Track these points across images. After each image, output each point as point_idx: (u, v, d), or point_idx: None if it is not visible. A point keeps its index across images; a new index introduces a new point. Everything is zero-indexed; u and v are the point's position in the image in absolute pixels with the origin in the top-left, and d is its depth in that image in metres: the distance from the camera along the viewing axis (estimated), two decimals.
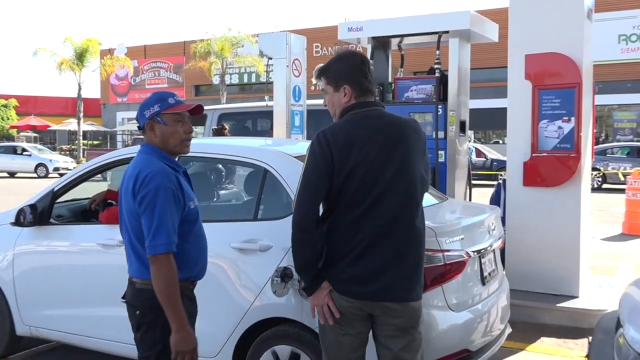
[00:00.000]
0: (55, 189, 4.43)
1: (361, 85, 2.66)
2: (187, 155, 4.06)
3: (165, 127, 2.72)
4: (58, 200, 4.53)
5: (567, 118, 5.74)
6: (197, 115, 2.88)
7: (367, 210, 2.56)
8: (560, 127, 5.77)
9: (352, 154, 2.54)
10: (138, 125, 2.82)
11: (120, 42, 61.92)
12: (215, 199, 5.17)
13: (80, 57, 38.17)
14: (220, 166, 5.66)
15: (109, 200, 4.54)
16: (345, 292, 2.60)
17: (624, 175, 17.27)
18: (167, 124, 2.72)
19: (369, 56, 7.22)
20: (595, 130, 7.48)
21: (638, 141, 27.97)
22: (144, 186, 2.56)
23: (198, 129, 11.09)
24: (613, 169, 20.08)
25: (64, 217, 4.68)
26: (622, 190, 13.88)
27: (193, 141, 2.90)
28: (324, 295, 2.63)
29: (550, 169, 5.84)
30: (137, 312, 2.68)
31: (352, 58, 2.69)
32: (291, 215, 3.49)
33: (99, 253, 4.09)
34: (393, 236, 2.58)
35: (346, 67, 2.69)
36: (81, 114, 38.95)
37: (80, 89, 38.99)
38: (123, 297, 2.80)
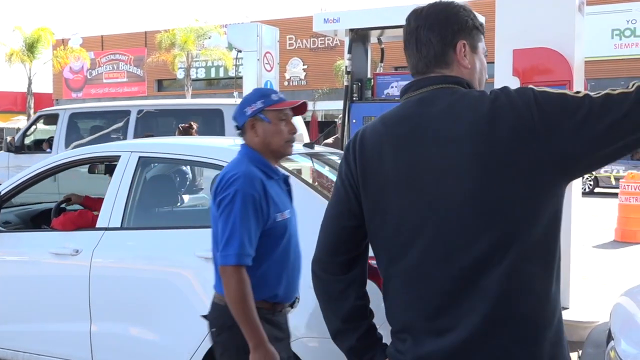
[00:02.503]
0: (2, 192, 4.37)
1: (411, 57, 1.82)
2: (149, 156, 4.08)
3: (269, 125, 2.66)
4: (5, 206, 4.47)
5: None
6: (299, 114, 2.82)
7: (419, 262, 1.67)
8: None
9: (382, 161, 1.74)
10: (236, 125, 2.74)
11: (75, 31, 61.29)
12: (179, 204, 5.15)
13: (31, 48, 37.63)
14: (185, 168, 5.64)
15: (62, 205, 4.53)
16: None
17: (617, 179, 17.56)
18: (271, 122, 2.66)
19: (345, 50, 7.24)
20: None
21: None
22: (224, 189, 2.53)
23: (50, 127, 11.21)
24: (605, 172, 20.41)
25: (12, 224, 4.62)
26: (615, 195, 14.12)
27: (154, 141, 2.89)
28: None
29: None
30: (213, 329, 2.66)
31: (411, 15, 1.85)
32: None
33: (51, 263, 4.04)
34: (471, 308, 1.60)
35: (404, 29, 1.87)
36: (31, 111, 38.34)
37: (30, 83, 38.42)
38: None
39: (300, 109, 2.77)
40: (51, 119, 11.08)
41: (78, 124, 10.53)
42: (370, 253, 1.87)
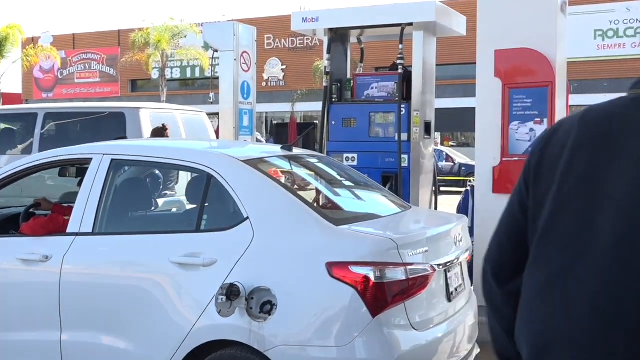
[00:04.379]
0: None
1: None
2: (122, 159, 4.05)
3: None
4: None
5: (539, 119, 5.87)
6: None
7: (556, 277, 1.46)
8: (532, 129, 5.90)
9: (560, 160, 1.51)
10: None
11: (45, 29, 60.69)
12: (153, 208, 5.11)
13: None
14: (157, 171, 5.60)
15: (31, 210, 4.48)
16: None
17: None
18: None
19: (325, 50, 7.24)
20: None
21: None
22: None
23: None
24: None
25: None
26: None
27: (127, 143, 2.86)
28: None
29: None
30: None
31: None
32: (239, 226, 3.52)
33: (19, 269, 3.98)
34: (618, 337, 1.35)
35: None
36: None
37: None
38: None
39: None
40: None
41: None
42: None
